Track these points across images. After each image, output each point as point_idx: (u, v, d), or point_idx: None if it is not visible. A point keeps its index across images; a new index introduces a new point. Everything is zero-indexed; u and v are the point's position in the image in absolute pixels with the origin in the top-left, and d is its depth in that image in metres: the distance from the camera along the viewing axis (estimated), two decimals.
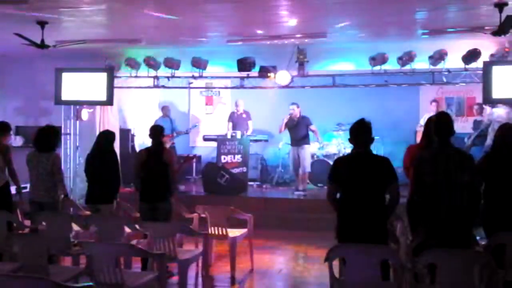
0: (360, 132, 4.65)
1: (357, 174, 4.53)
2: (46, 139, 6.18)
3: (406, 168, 5.57)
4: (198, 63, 9.26)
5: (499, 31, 6.51)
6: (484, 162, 5.26)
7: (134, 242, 5.81)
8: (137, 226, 5.62)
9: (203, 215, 6.53)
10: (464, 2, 6.58)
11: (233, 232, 6.48)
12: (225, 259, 6.68)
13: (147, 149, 6.36)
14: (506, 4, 6.30)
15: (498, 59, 8.47)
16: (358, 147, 4.65)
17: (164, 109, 11.40)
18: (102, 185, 6.29)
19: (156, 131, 6.30)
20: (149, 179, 6.13)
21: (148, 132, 6.42)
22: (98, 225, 5.52)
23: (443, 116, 4.70)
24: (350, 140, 4.74)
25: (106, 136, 6.55)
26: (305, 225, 8.84)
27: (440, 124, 4.61)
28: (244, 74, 9.38)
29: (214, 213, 6.46)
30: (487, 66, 8.29)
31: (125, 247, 4.39)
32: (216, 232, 6.40)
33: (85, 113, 9.93)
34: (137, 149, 11.43)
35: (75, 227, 5.85)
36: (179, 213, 6.60)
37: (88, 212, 6.45)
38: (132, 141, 11.41)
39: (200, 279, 6.16)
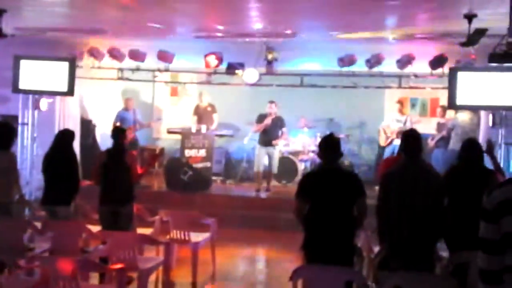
0: (329, 147, 4.59)
1: (326, 189, 4.50)
2: (2, 136, 5.88)
3: (379, 178, 5.57)
4: (164, 57, 9.01)
5: (467, 43, 6.54)
6: (447, 177, 5.30)
7: (92, 248, 5.67)
8: (96, 229, 5.47)
9: (165, 219, 6.39)
10: (434, 11, 6.57)
11: (196, 237, 6.37)
12: (187, 263, 6.54)
13: (107, 150, 6.14)
14: (475, 15, 6.32)
15: (464, 65, 8.53)
16: (327, 162, 4.61)
17: (128, 101, 11.10)
18: (60, 187, 6.05)
19: (118, 133, 6.08)
20: (110, 182, 5.94)
21: (110, 126, 6.21)
22: (54, 231, 5.32)
23: (411, 134, 4.68)
24: (319, 155, 4.70)
25: (65, 136, 6.29)
26: (269, 224, 8.80)
27: (408, 141, 4.59)
28: (211, 69, 9.18)
29: (177, 217, 6.33)
30: (453, 72, 8.33)
31: (82, 262, 4.22)
32: (179, 237, 6.28)
33: (44, 103, 9.54)
34: (99, 140, 11.17)
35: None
36: (141, 217, 6.42)
37: (43, 213, 6.22)
38: (94, 132, 11.10)
39: (160, 286, 6.04)
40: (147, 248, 6.37)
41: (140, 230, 6.31)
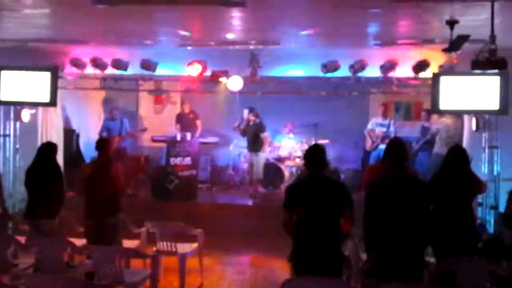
0: (315, 157, 4.60)
1: (313, 199, 4.50)
2: None
3: (365, 187, 5.59)
4: (148, 66, 8.94)
5: (450, 48, 6.58)
6: (432, 184, 5.33)
7: (77, 262, 5.61)
8: (81, 242, 5.39)
9: (151, 231, 6.34)
10: (416, 18, 6.62)
11: (183, 248, 6.32)
12: (174, 274, 6.50)
13: (92, 162, 6.09)
14: (457, 21, 6.37)
15: (447, 70, 8.58)
16: (313, 172, 4.60)
17: (113, 111, 11.03)
18: (44, 200, 5.95)
19: (102, 144, 6.02)
20: (95, 195, 5.88)
21: (94, 135, 6.15)
22: (39, 246, 5.23)
23: (396, 143, 4.70)
24: (305, 165, 4.70)
25: (48, 149, 6.19)
26: (256, 231, 8.76)
27: (393, 150, 4.60)
28: (195, 77, 9.12)
29: (164, 229, 6.28)
30: (436, 77, 8.37)
31: (67, 280, 4.15)
32: (166, 249, 6.23)
33: (26, 114, 9.39)
34: (82, 149, 11.06)
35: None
36: (127, 228, 6.36)
37: (27, 227, 6.11)
38: (77, 141, 10.98)
39: None
40: (134, 259, 6.30)
41: (127, 242, 6.28)
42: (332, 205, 4.49)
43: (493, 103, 7.93)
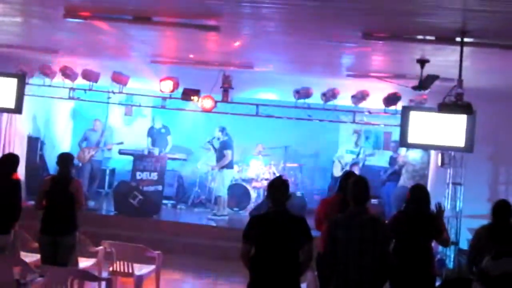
0: (278, 189, 4.56)
1: (272, 233, 4.45)
2: None
3: (318, 221, 5.59)
4: (119, 79, 8.82)
5: (419, 87, 6.67)
6: (395, 222, 5.36)
7: (29, 278, 5.43)
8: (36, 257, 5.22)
9: (109, 250, 6.20)
10: (389, 55, 6.70)
11: (140, 269, 6.20)
12: None
13: (52, 177, 5.93)
14: (427, 61, 6.47)
15: (416, 104, 8.69)
16: (275, 205, 4.56)
17: (95, 122, 10.92)
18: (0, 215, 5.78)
19: (64, 159, 5.87)
20: (52, 210, 5.72)
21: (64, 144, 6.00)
22: None
23: (360, 182, 4.68)
24: (268, 197, 4.66)
25: (8, 161, 6.02)
26: (216, 253, 8.65)
27: (356, 190, 4.58)
28: (166, 94, 9.01)
29: (121, 249, 6.15)
30: (405, 111, 8.46)
31: None
32: (122, 269, 6.09)
33: None
34: (46, 158, 10.83)
35: None
36: (84, 247, 6.20)
37: None
38: (41, 149, 10.74)
39: None
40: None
41: (83, 260, 6.14)
42: (292, 239, 4.45)
43: (459, 141, 8.04)
